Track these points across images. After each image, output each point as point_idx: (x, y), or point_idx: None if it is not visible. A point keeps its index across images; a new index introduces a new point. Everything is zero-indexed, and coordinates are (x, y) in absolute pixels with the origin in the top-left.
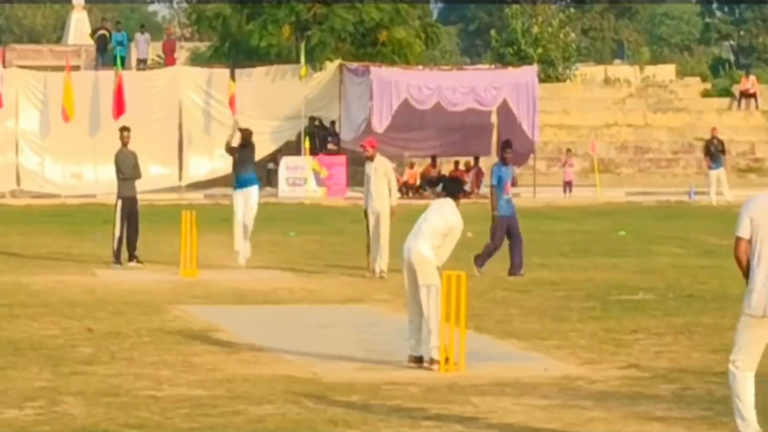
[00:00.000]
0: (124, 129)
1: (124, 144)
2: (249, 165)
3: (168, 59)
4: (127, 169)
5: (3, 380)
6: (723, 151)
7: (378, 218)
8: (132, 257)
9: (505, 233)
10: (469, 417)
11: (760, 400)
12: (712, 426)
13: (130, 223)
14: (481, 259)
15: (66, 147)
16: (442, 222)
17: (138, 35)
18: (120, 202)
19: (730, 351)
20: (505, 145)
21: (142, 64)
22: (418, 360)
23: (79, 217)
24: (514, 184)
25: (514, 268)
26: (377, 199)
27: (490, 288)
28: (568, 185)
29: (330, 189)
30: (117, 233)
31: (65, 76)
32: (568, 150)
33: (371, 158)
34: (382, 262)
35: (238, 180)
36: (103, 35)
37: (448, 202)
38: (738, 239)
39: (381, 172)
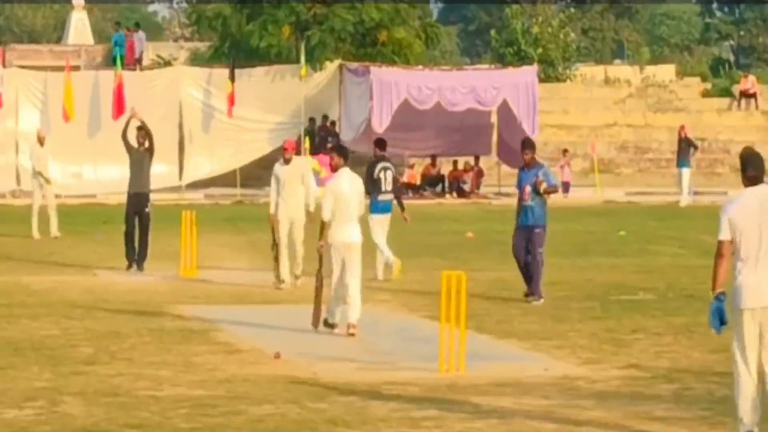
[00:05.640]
0: (141, 129)
1: (140, 145)
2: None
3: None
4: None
5: (3, 380)
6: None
7: (293, 225)
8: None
9: (522, 246)
10: (469, 417)
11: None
12: (712, 426)
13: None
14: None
15: (66, 147)
16: (361, 197)
17: (135, 34)
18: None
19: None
20: (522, 145)
21: (137, 63)
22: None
23: (79, 217)
24: (538, 190)
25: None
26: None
27: (490, 288)
28: (565, 186)
29: None
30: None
31: (65, 76)
32: (565, 150)
33: (288, 161)
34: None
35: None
36: None
37: (352, 175)
38: (718, 242)
39: (298, 176)
